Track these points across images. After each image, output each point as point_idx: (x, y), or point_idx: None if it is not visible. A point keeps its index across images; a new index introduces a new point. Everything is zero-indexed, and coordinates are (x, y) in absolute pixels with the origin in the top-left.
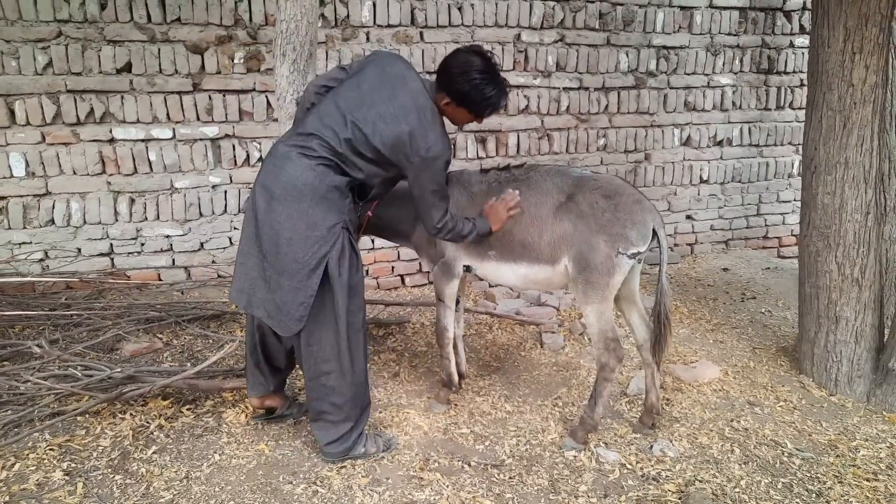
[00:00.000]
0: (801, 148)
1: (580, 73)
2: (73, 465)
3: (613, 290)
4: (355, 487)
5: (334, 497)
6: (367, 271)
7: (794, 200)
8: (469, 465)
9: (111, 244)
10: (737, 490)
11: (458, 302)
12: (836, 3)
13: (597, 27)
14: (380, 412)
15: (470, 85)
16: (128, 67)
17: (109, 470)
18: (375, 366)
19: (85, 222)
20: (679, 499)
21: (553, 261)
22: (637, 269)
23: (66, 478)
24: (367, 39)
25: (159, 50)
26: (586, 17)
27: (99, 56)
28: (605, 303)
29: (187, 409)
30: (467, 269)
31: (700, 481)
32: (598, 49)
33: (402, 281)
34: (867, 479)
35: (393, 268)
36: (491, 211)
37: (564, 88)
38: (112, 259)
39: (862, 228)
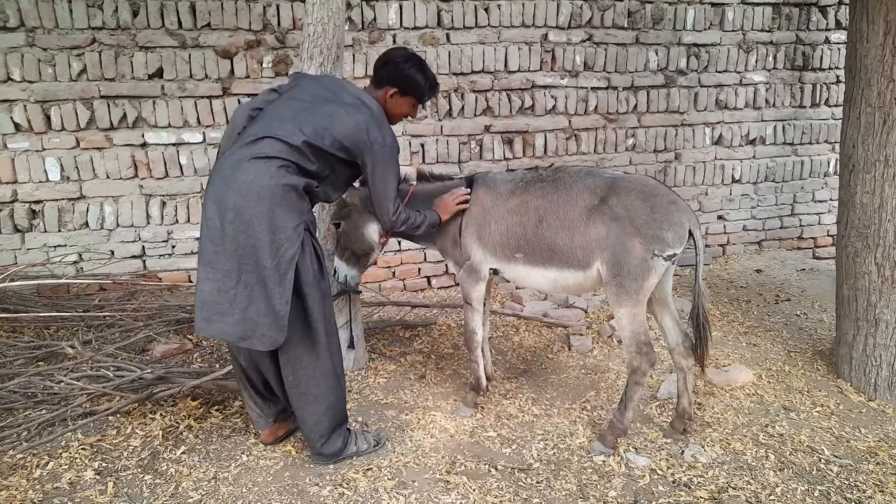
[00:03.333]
0: (837, 146)
1: (608, 72)
2: (104, 464)
3: (647, 293)
4: (381, 490)
5: (360, 499)
6: (394, 273)
7: (831, 200)
8: (496, 468)
9: (143, 246)
10: (772, 498)
11: (484, 304)
12: None
13: (625, 25)
14: (406, 414)
15: (416, 69)
16: (159, 73)
17: (139, 470)
18: (401, 368)
19: (118, 225)
20: None
21: (585, 265)
22: (671, 272)
23: (97, 477)
24: (394, 42)
25: (190, 55)
26: (615, 16)
27: (131, 62)
28: (638, 306)
29: (216, 410)
30: (494, 271)
31: (733, 488)
32: (626, 48)
33: (429, 282)
34: None
35: (419, 269)
36: (440, 203)
37: (592, 88)
38: (144, 261)
39: None
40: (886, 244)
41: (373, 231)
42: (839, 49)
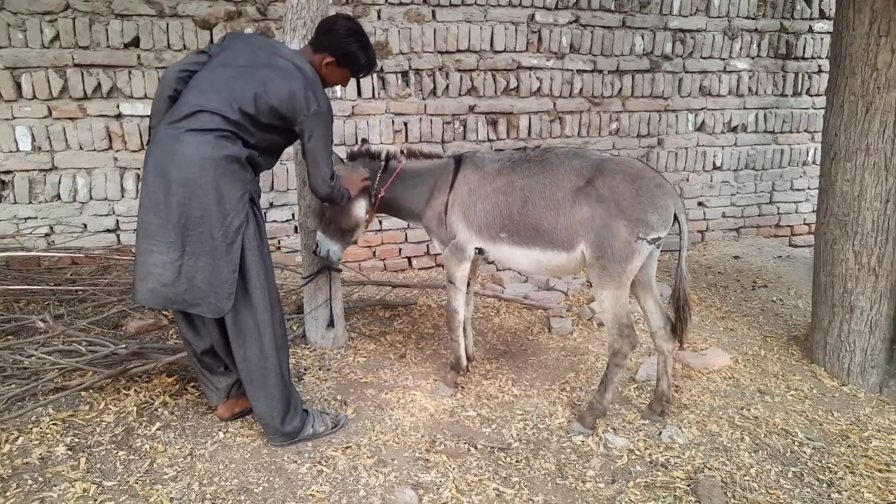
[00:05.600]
0: (816, 135)
1: (594, 55)
2: (76, 440)
3: (631, 276)
4: (360, 468)
5: (339, 477)
6: (374, 252)
7: (808, 189)
8: (475, 447)
9: (117, 220)
10: (746, 478)
11: (468, 284)
12: None
13: (612, 8)
14: (386, 393)
15: (358, 45)
16: (136, 42)
17: (113, 446)
18: (381, 347)
19: (91, 198)
20: (688, 486)
21: (569, 246)
22: (655, 255)
23: (70, 453)
24: (379, 17)
25: (168, 25)
26: None
27: (107, 30)
28: (621, 288)
29: (192, 387)
30: (479, 251)
31: (709, 469)
32: (613, 31)
33: (410, 263)
34: (879, 470)
35: (400, 250)
36: (348, 180)
37: (578, 71)
38: (118, 235)
39: (881, 217)
40: (864, 232)
41: (360, 207)
42: (822, 38)
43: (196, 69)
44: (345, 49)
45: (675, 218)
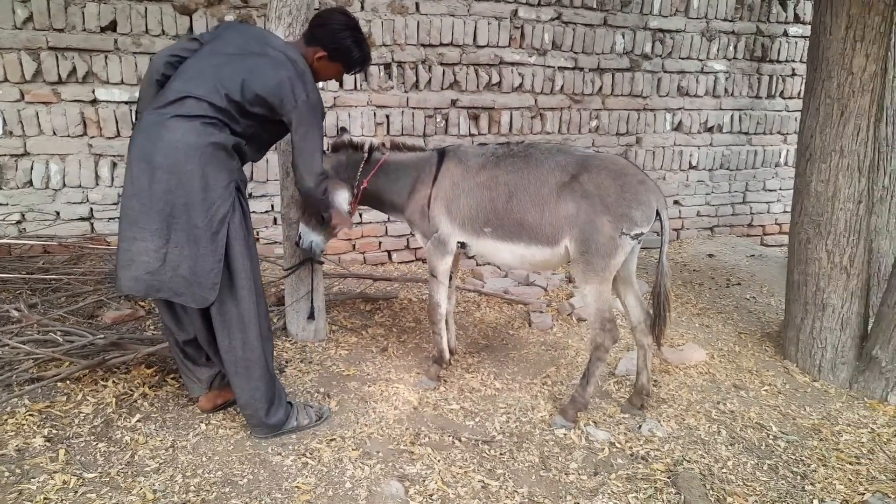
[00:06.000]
0: (788, 137)
1: (575, 52)
2: (54, 431)
3: (614, 271)
4: (345, 460)
5: (324, 469)
6: (354, 246)
7: (780, 189)
8: (460, 440)
9: (91, 208)
10: (724, 470)
11: (450, 278)
12: None
13: (594, 6)
14: (369, 386)
15: (352, 40)
16: (112, 26)
17: (92, 437)
18: (363, 340)
19: (64, 185)
20: (668, 478)
21: (554, 241)
22: (636, 251)
23: (48, 444)
24: (362, 8)
25: (146, 9)
26: None
27: (83, 13)
28: (604, 283)
29: (171, 379)
30: (461, 245)
31: (688, 461)
32: (594, 29)
33: (389, 257)
34: (850, 463)
35: (380, 243)
36: (336, 213)
37: (559, 68)
38: (92, 224)
39: (854, 217)
40: (837, 232)
41: (343, 199)
42: (796, 42)
43: (186, 55)
44: (338, 43)
45: (657, 214)
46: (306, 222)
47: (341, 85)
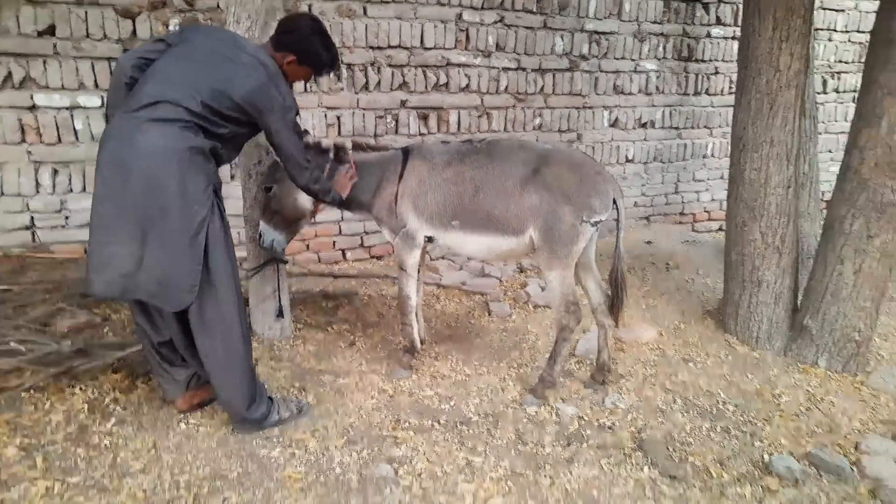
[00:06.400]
0: (714, 131)
1: (518, 53)
2: (27, 440)
3: (576, 257)
4: (332, 448)
5: (312, 458)
6: (308, 246)
7: (707, 179)
8: (439, 423)
9: (32, 217)
10: (683, 434)
11: (417, 271)
12: None
13: (534, 10)
14: (343, 378)
15: (321, 44)
16: (51, 30)
17: (69, 443)
18: (330, 336)
19: (3, 194)
20: (634, 444)
21: (519, 231)
22: (594, 238)
23: (23, 453)
24: (310, 11)
25: (86, 13)
26: (524, 0)
27: (17, 17)
28: (567, 269)
29: (142, 383)
30: (429, 239)
31: (651, 428)
32: (535, 31)
33: (344, 255)
34: (791, 420)
35: (334, 242)
36: (337, 183)
37: (503, 68)
38: (34, 233)
39: (784, 201)
40: (769, 215)
41: (306, 198)
42: (719, 43)
43: (154, 57)
44: (307, 47)
45: (614, 202)
46: (267, 221)
47: (306, 88)
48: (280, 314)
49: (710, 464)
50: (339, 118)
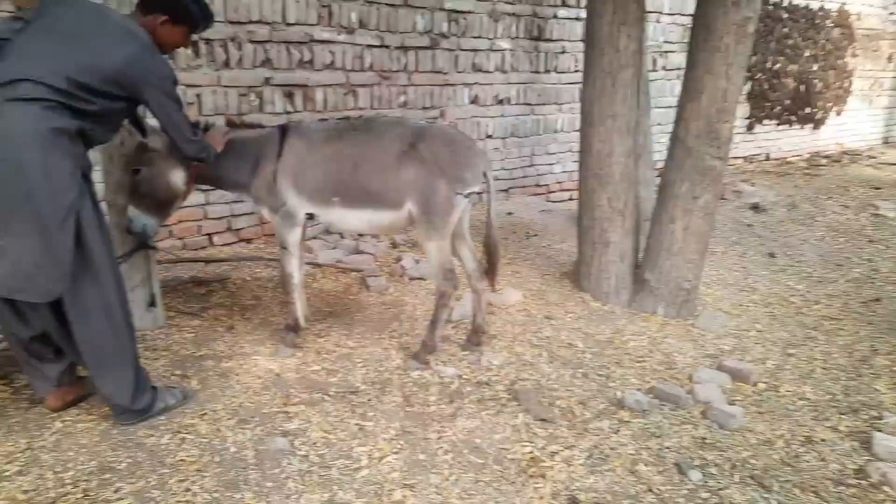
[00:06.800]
0: (563, 107)
1: (381, 31)
2: None
3: (451, 227)
4: (224, 429)
5: (205, 441)
6: (171, 232)
7: (559, 153)
8: (328, 395)
9: None
10: (550, 382)
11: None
12: None
13: None
14: (226, 362)
15: None
16: None
17: None
18: (206, 322)
19: None
20: (509, 395)
21: (398, 205)
22: (468, 209)
23: None
24: None
25: None
26: None
27: None
28: (444, 239)
29: (2, 384)
30: (310, 216)
31: (522, 380)
32: (397, 9)
33: (211, 240)
34: (638, 362)
35: (200, 227)
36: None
37: (367, 46)
38: None
39: (626, 169)
40: (614, 182)
41: (178, 178)
42: (565, 24)
43: (9, 36)
44: (175, 3)
45: (484, 174)
46: (137, 204)
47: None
48: (152, 303)
49: (574, 405)
50: (198, 96)
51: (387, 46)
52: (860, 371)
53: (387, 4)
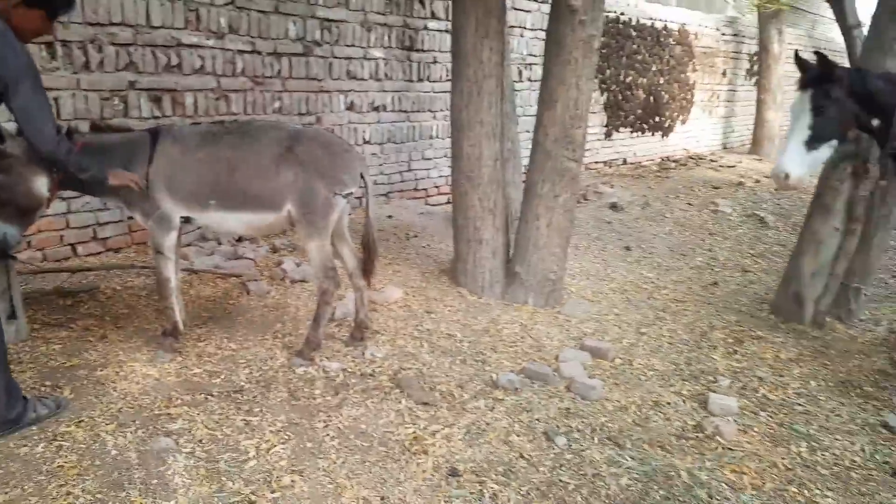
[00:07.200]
0: (437, 114)
1: (253, 37)
2: None
3: (331, 227)
4: (103, 434)
5: (83, 446)
6: (30, 243)
7: (434, 158)
8: (212, 395)
9: None
10: (431, 369)
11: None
12: None
13: None
14: (101, 370)
15: None
16: None
17: None
18: (75, 333)
19: None
20: (393, 384)
21: (277, 206)
22: (346, 209)
23: None
24: None
25: None
26: None
27: None
28: (325, 239)
29: None
30: (186, 220)
31: (405, 370)
32: (268, 15)
33: (74, 250)
34: (510, 347)
35: (62, 237)
36: (119, 173)
37: (239, 51)
38: None
39: (494, 171)
40: (484, 184)
41: (41, 184)
42: (435, 35)
43: None
44: None
45: (361, 176)
46: None
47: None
48: (13, 315)
49: (453, 388)
50: (56, 100)
51: (259, 52)
52: (700, 344)
53: (257, 10)
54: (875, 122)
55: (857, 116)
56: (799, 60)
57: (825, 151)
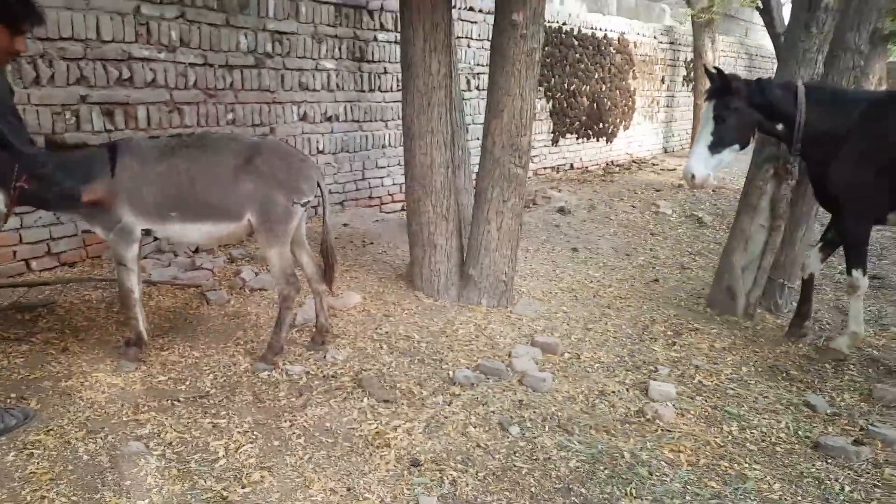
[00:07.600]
0: (389, 123)
1: (204, 49)
2: None
3: (290, 235)
4: (73, 441)
5: (54, 453)
6: None
7: (388, 166)
8: (178, 401)
9: None
10: (391, 369)
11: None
12: (416, 12)
13: (216, 7)
14: (65, 381)
15: None
16: None
17: None
18: (36, 346)
19: None
20: (354, 383)
21: (238, 216)
22: (304, 217)
23: None
24: None
25: None
26: None
27: None
28: (284, 246)
29: None
30: (146, 232)
31: (366, 370)
32: (219, 28)
33: (28, 266)
34: (466, 345)
35: (15, 252)
36: (92, 188)
37: (190, 64)
38: None
39: (445, 179)
40: (436, 190)
41: None
42: (384, 46)
43: None
44: None
45: (318, 185)
46: None
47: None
48: None
49: (413, 386)
50: None
51: (211, 65)
52: (642, 337)
53: (208, 24)
54: (780, 128)
55: (759, 123)
56: (708, 73)
57: (728, 155)
